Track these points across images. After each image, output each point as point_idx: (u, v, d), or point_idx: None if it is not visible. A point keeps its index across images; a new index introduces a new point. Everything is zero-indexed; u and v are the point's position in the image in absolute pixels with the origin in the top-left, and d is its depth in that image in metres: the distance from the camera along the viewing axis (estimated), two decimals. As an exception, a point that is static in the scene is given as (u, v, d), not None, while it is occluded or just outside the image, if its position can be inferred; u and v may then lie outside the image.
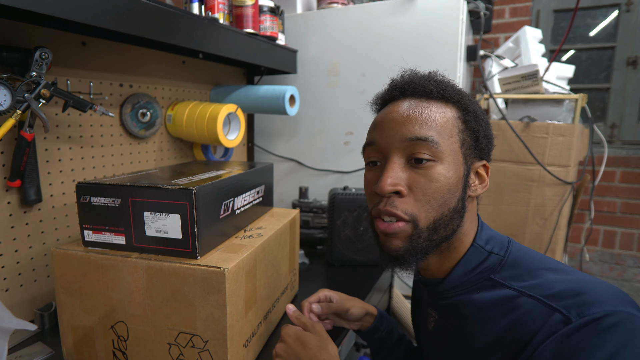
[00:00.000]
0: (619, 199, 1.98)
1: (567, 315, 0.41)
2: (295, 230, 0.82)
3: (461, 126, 0.51)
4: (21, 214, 0.72)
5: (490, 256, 0.52)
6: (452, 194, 0.50)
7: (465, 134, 0.52)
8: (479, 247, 0.53)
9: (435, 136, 0.49)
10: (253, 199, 0.73)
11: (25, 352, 0.66)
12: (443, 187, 0.49)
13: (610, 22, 1.99)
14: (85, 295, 0.58)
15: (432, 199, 0.49)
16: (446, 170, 0.49)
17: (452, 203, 0.50)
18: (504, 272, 0.50)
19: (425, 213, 0.49)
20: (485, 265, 0.51)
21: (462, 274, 0.53)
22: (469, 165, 0.52)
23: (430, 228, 0.50)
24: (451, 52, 1.13)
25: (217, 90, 1.16)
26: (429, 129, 0.49)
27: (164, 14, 0.73)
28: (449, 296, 0.54)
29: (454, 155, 0.50)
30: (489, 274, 0.51)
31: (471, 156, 0.52)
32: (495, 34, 2.12)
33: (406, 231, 0.50)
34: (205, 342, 0.54)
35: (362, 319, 0.74)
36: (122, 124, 0.89)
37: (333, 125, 1.32)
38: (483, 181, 0.54)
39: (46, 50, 0.66)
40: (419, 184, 0.49)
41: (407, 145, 0.50)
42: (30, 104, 0.66)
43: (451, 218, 0.50)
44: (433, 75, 0.55)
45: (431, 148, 0.49)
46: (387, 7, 1.19)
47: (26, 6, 0.53)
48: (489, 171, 0.55)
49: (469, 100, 0.53)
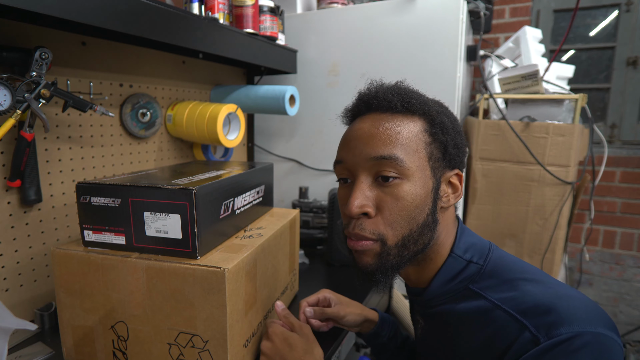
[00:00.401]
0: (619, 199, 1.98)
1: (536, 335, 0.41)
2: (295, 230, 0.82)
3: (428, 139, 0.50)
4: (21, 214, 0.72)
5: (469, 265, 0.52)
6: (420, 210, 0.49)
7: (433, 146, 0.51)
8: (457, 256, 0.53)
9: (400, 153, 0.49)
10: (253, 199, 0.73)
11: (26, 352, 0.66)
12: (410, 204, 0.49)
13: (610, 22, 1.99)
14: (85, 295, 0.58)
15: (399, 217, 0.49)
16: (413, 187, 0.49)
17: (421, 219, 0.50)
18: (482, 281, 0.50)
19: (393, 231, 0.49)
20: (465, 274, 0.51)
21: (442, 284, 0.53)
22: (439, 178, 0.52)
23: (399, 245, 0.50)
24: (451, 52, 1.13)
25: (217, 90, 1.16)
26: (393, 146, 0.49)
27: (164, 14, 0.73)
28: (432, 305, 0.55)
29: (420, 170, 0.50)
30: (468, 284, 0.51)
31: (440, 168, 0.52)
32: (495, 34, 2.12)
33: (374, 249, 0.50)
34: (205, 342, 0.54)
35: (361, 324, 0.73)
36: (122, 124, 0.89)
37: (333, 125, 1.31)
38: (456, 190, 0.53)
39: (46, 50, 0.66)
40: (386, 203, 0.49)
41: (373, 165, 0.49)
42: (30, 104, 0.66)
43: (420, 233, 0.50)
44: (399, 86, 0.54)
45: (396, 166, 0.48)
46: (387, 7, 1.19)
47: (26, 6, 0.53)
48: (462, 180, 0.54)
49: (436, 111, 0.52)
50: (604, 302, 2.06)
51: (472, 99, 1.83)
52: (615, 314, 2.05)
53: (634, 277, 2.01)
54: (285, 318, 0.64)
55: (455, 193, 0.53)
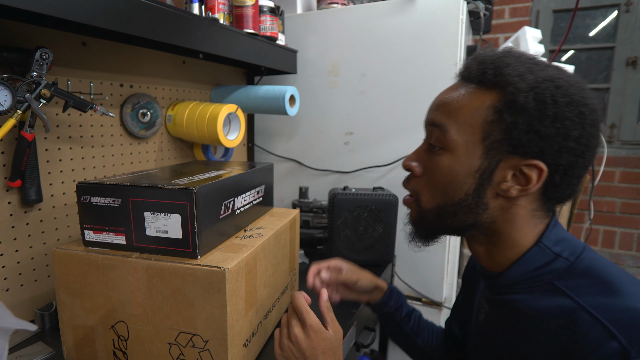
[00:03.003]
0: (619, 199, 1.99)
1: (626, 349, 0.36)
2: (295, 230, 0.82)
3: (491, 117, 0.46)
4: (22, 214, 0.72)
5: (557, 259, 0.47)
6: (456, 186, 0.48)
7: (494, 126, 0.46)
8: (545, 247, 0.48)
9: (448, 124, 0.48)
10: (253, 199, 0.73)
11: (26, 351, 0.66)
12: (444, 177, 0.49)
13: (609, 23, 1.99)
14: (85, 295, 0.58)
15: (434, 186, 0.50)
16: (451, 161, 0.48)
17: (457, 196, 0.48)
18: (570, 280, 0.45)
19: (428, 196, 0.51)
20: (550, 268, 0.47)
21: (523, 272, 0.49)
22: (496, 161, 0.47)
23: (434, 212, 0.51)
24: (451, 53, 1.13)
25: (218, 90, 1.16)
26: (444, 115, 0.49)
27: (164, 14, 0.73)
28: (505, 292, 0.51)
29: (467, 146, 0.47)
30: (552, 279, 0.46)
31: (501, 151, 0.46)
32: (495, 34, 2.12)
33: (414, 207, 0.54)
34: (205, 341, 0.54)
35: (371, 292, 0.75)
36: (122, 124, 0.89)
37: (333, 125, 1.32)
38: (528, 182, 0.46)
39: (47, 51, 0.66)
40: (427, 169, 0.51)
41: (429, 130, 0.52)
42: (31, 104, 0.66)
43: (456, 210, 0.49)
44: (501, 54, 0.48)
45: (441, 136, 0.48)
46: (387, 8, 1.19)
47: (26, 6, 0.53)
48: (542, 174, 0.45)
49: (528, 86, 0.44)
50: (603, 302, 2.06)
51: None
52: (615, 314, 2.05)
53: (633, 277, 2.01)
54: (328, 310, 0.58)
55: (525, 185, 0.46)
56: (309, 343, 0.53)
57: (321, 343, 0.54)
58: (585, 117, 0.44)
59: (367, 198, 1.02)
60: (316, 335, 0.54)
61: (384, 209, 1.02)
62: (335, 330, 0.57)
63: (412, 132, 1.20)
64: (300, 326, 0.54)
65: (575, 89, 0.45)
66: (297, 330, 0.54)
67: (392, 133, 1.23)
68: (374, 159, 1.27)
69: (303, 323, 0.54)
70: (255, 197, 0.74)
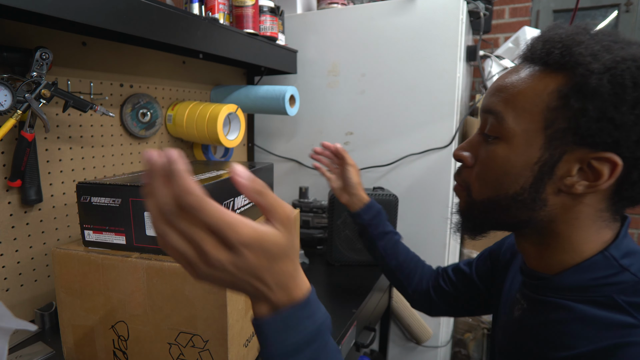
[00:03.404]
0: (619, 199, 1.98)
1: None
2: (296, 230, 0.82)
3: (555, 102, 0.41)
4: (22, 214, 0.72)
5: (623, 273, 0.42)
6: (511, 179, 0.44)
7: (558, 112, 0.41)
8: (612, 257, 0.43)
9: (505, 111, 0.44)
10: None
11: (26, 351, 0.66)
12: (498, 168, 0.45)
13: (609, 23, 1.99)
14: (85, 295, 0.58)
15: (487, 177, 0.47)
16: (508, 151, 0.44)
17: (512, 189, 0.45)
18: (635, 297, 0.40)
19: (478, 187, 0.49)
20: (613, 280, 0.42)
21: (579, 280, 0.44)
22: (559, 153, 0.42)
23: (484, 204, 0.48)
24: (451, 53, 1.13)
25: (217, 90, 1.16)
26: (501, 101, 0.44)
27: (164, 14, 0.73)
28: (551, 295, 0.46)
29: (526, 135, 0.43)
30: (613, 292, 0.41)
31: (565, 142, 0.41)
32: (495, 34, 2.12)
33: (463, 197, 0.52)
34: (205, 341, 0.54)
35: (352, 195, 0.84)
36: (122, 124, 0.89)
37: (333, 125, 1.32)
38: (597, 178, 0.41)
39: (47, 51, 0.66)
40: (480, 159, 0.48)
41: (484, 118, 0.48)
42: (31, 104, 0.66)
43: (509, 204, 0.45)
44: (573, 31, 0.42)
45: (496, 124, 0.45)
46: (387, 7, 1.19)
47: (27, 6, 0.53)
48: (617, 169, 0.40)
49: (604, 67, 0.39)
50: (603, 302, 2.05)
51: (472, 99, 1.83)
52: (615, 314, 2.04)
53: (633, 277, 2.00)
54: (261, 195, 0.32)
55: (594, 181, 0.41)
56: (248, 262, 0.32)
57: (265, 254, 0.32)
58: None
59: (367, 198, 1.02)
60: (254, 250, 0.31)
61: (384, 209, 1.02)
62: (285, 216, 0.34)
63: (412, 132, 1.20)
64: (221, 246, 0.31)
65: None
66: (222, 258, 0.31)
67: (392, 133, 1.23)
68: (374, 159, 1.27)
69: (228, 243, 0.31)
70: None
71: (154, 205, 0.30)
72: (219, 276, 0.33)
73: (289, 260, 0.36)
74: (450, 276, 0.76)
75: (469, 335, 1.72)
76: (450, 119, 1.16)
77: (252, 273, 0.33)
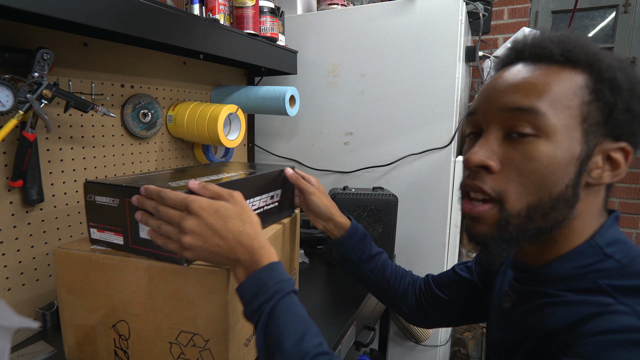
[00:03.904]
0: (618, 199, 1.99)
1: None
2: (295, 230, 0.83)
3: (587, 97, 0.42)
4: (23, 214, 0.72)
5: (607, 260, 0.43)
6: (556, 177, 0.42)
7: (592, 106, 0.42)
8: (597, 246, 0.43)
9: (543, 107, 0.41)
10: (265, 204, 0.71)
11: (28, 350, 0.66)
12: (544, 167, 0.41)
13: (608, 23, 2.00)
14: (87, 294, 0.58)
15: (527, 180, 0.42)
16: (551, 148, 0.41)
17: (557, 189, 0.42)
18: (616, 280, 0.41)
19: (516, 195, 0.43)
20: (597, 267, 0.43)
21: (567, 269, 0.44)
22: (592, 146, 0.42)
23: (522, 214, 0.43)
24: (450, 53, 1.13)
25: (218, 90, 1.16)
26: (536, 97, 0.42)
27: (165, 15, 0.74)
28: (541, 285, 0.47)
29: (567, 131, 0.42)
30: (597, 278, 0.42)
31: (598, 135, 0.42)
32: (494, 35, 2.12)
33: (492, 215, 0.44)
34: (206, 341, 0.54)
35: (325, 221, 0.75)
36: (123, 125, 0.90)
37: (333, 126, 1.33)
38: (617, 168, 0.43)
39: (48, 51, 0.67)
40: (514, 162, 0.43)
41: (507, 117, 0.43)
42: (32, 105, 0.66)
43: (552, 207, 0.42)
44: (565, 34, 0.45)
45: (535, 121, 0.41)
46: (387, 8, 1.19)
47: (28, 7, 0.53)
48: (629, 157, 0.43)
49: (609, 64, 0.42)
50: (602, 302, 2.06)
51: (471, 99, 1.83)
52: (614, 313, 2.05)
53: (632, 277, 2.01)
54: (206, 189, 0.51)
55: (614, 171, 0.43)
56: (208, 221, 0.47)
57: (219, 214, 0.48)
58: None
59: (366, 198, 1.03)
60: (210, 212, 0.48)
61: (384, 209, 1.03)
62: (229, 195, 0.50)
63: (412, 132, 1.21)
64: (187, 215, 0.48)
65: None
66: (190, 223, 0.48)
67: (392, 133, 1.23)
68: (373, 159, 1.27)
69: (190, 211, 0.48)
70: (267, 203, 0.72)
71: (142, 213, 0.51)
72: (195, 243, 0.48)
73: (243, 222, 0.49)
74: (447, 283, 0.73)
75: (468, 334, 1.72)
76: (449, 119, 1.16)
77: (214, 230, 0.47)
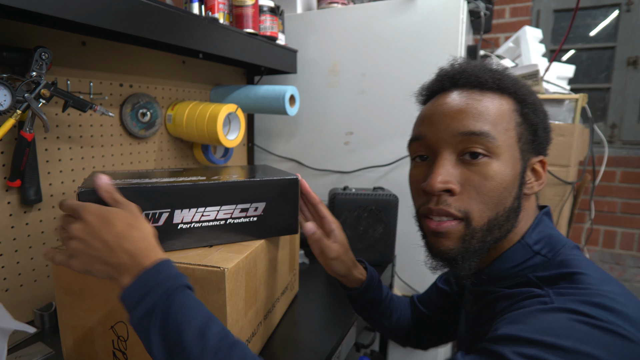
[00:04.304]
0: (619, 199, 1.98)
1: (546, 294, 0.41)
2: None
3: (518, 119, 0.48)
4: (21, 214, 0.72)
5: (535, 257, 0.48)
6: (508, 192, 0.47)
7: (523, 127, 0.48)
8: (526, 245, 0.49)
9: (491, 130, 0.46)
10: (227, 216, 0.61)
11: (25, 352, 0.66)
12: (499, 184, 0.46)
13: (610, 22, 1.99)
14: (85, 295, 0.58)
15: (487, 198, 0.46)
16: (502, 166, 0.47)
17: (508, 202, 0.47)
18: (543, 272, 0.46)
19: (479, 212, 0.47)
20: (528, 264, 0.48)
21: (504, 270, 0.50)
22: (526, 161, 0.49)
23: (484, 229, 0.47)
24: (451, 52, 1.13)
25: (217, 90, 1.16)
26: (484, 122, 0.47)
27: (164, 14, 0.73)
28: (486, 284, 0.52)
29: (510, 150, 0.47)
30: (528, 273, 0.48)
31: (528, 151, 0.49)
32: (496, 33, 2.12)
33: (459, 231, 0.47)
34: (205, 342, 0.54)
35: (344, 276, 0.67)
36: (122, 124, 0.89)
37: (333, 125, 1.32)
38: (539, 178, 0.51)
39: (46, 50, 0.66)
40: (473, 182, 0.46)
41: (460, 140, 0.47)
42: (30, 104, 0.66)
43: (507, 218, 0.48)
44: (487, 64, 0.52)
45: (486, 143, 0.46)
46: (387, 7, 1.19)
47: (26, 6, 0.53)
48: (545, 167, 0.51)
49: (527, 90, 0.50)
50: (604, 302, 2.05)
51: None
52: (616, 314, 2.04)
53: (634, 277, 2.00)
54: (109, 194, 0.49)
55: (538, 180, 0.51)
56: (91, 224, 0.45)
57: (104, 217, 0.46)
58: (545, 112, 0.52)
59: (367, 198, 1.02)
60: (95, 215, 0.46)
61: (384, 209, 1.02)
62: (123, 203, 0.49)
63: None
64: (77, 220, 0.47)
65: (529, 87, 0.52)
66: (75, 227, 0.46)
67: (392, 133, 1.23)
68: (374, 159, 1.26)
69: (79, 216, 0.47)
70: (235, 215, 0.61)
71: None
72: (77, 247, 0.46)
73: (130, 226, 0.46)
74: (432, 299, 0.74)
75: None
76: (450, 118, 1.15)
77: (95, 233, 0.45)
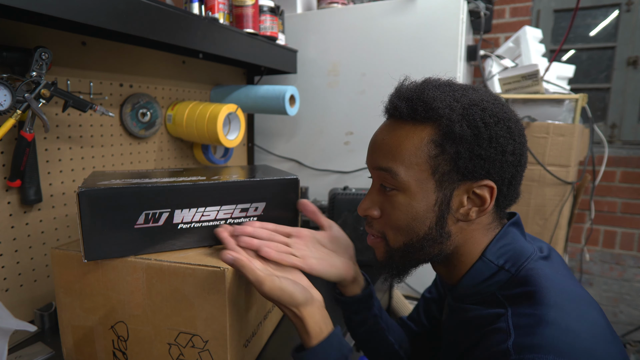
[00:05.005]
0: (619, 199, 1.98)
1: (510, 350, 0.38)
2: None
3: (433, 151, 0.47)
4: (21, 214, 0.72)
5: (500, 272, 0.49)
6: (418, 222, 0.49)
7: (440, 159, 0.47)
8: (488, 261, 0.50)
9: (395, 167, 0.48)
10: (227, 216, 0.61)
11: (26, 352, 0.66)
12: (405, 215, 0.49)
13: (610, 22, 1.99)
14: (85, 295, 0.58)
15: (396, 225, 0.50)
16: (407, 199, 0.49)
17: (422, 231, 0.49)
18: (508, 289, 0.47)
19: (393, 235, 0.51)
20: (494, 280, 0.49)
21: (470, 286, 0.51)
22: (450, 191, 0.48)
23: (402, 249, 0.51)
24: (451, 52, 1.13)
25: (217, 90, 1.16)
26: (389, 159, 0.49)
27: (164, 13, 0.73)
28: (460, 301, 0.54)
29: (420, 184, 0.48)
30: (495, 290, 0.48)
31: (452, 181, 0.48)
32: (496, 33, 2.12)
33: (383, 247, 0.54)
34: (205, 342, 0.54)
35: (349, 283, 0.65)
36: (122, 124, 0.89)
37: (333, 125, 1.32)
38: (483, 203, 0.48)
39: (46, 50, 0.66)
40: (386, 210, 0.51)
41: (377, 173, 0.52)
42: (30, 104, 0.66)
43: (422, 246, 0.50)
44: (422, 86, 0.52)
45: (391, 178, 0.49)
46: (387, 7, 1.19)
47: (26, 6, 0.53)
48: (494, 191, 0.47)
49: (460, 115, 0.47)
50: (604, 302, 2.06)
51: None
52: (616, 313, 2.05)
53: (634, 277, 2.01)
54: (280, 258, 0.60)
55: (482, 206, 0.48)
56: None
57: None
58: (513, 130, 0.48)
59: (367, 198, 1.02)
60: None
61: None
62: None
63: (413, 132, 1.20)
64: None
65: (498, 106, 0.48)
66: None
67: (392, 133, 1.23)
68: (374, 159, 1.26)
69: None
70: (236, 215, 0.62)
71: None
72: None
73: None
74: (422, 311, 0.74)
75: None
76: (450, 118, 1.15)
77: None
